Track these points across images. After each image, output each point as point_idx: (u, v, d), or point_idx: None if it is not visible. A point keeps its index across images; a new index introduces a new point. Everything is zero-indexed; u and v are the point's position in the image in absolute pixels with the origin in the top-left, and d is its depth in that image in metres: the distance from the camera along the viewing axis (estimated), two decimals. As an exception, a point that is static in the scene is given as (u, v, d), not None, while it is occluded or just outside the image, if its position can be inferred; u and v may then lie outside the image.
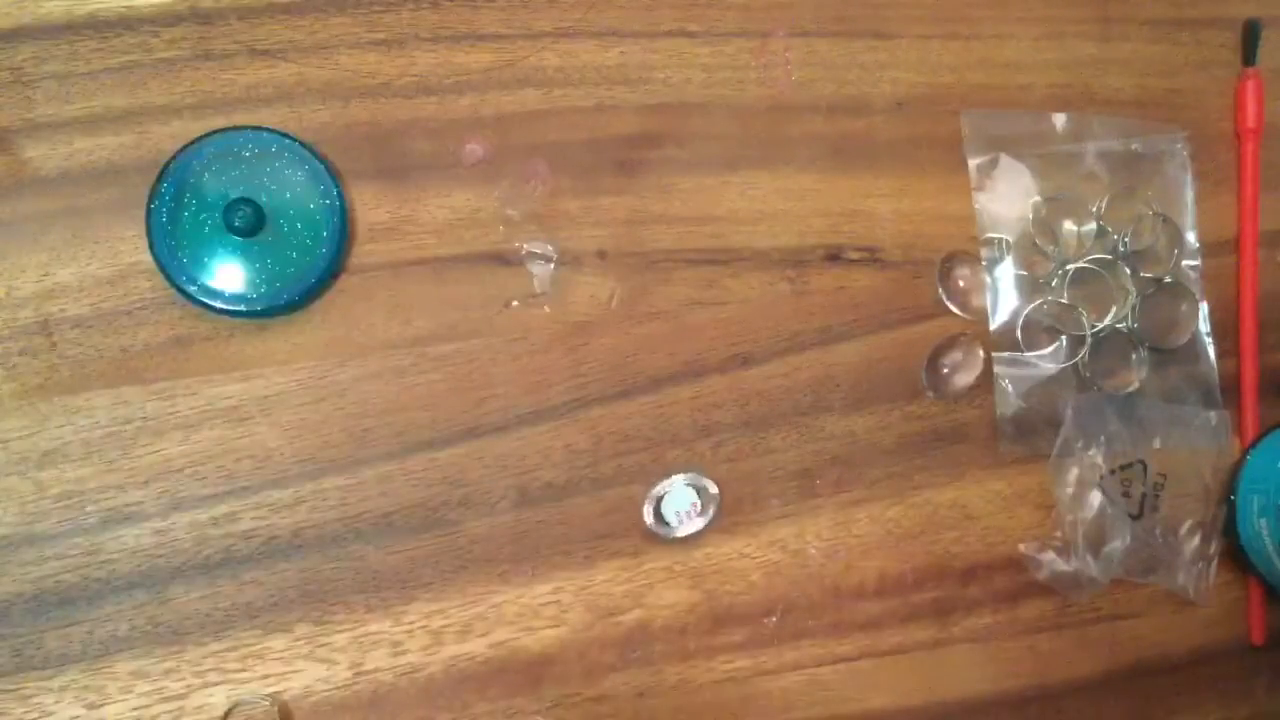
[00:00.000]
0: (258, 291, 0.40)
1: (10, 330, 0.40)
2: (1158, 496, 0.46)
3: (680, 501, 0.43)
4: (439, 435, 0.42)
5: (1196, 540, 0.47)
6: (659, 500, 0.43)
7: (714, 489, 0.43)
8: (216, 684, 0.41)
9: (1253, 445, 0.47)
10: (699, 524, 0.43)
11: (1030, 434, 0.46)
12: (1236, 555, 0.47)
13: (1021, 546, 0.46)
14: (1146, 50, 0.49)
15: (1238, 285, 0.48)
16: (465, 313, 0.43)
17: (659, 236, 0.44)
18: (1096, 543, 0.45)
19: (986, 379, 0.46)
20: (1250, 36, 0.49)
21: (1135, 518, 0.46)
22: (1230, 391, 0.48)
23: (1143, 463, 0.46)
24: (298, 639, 0.41)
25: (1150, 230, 0.47)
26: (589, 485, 0.43)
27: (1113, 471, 0.46)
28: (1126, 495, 0.46)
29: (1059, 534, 0.46)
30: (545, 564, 0.42)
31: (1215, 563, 0.47)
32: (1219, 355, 0.48)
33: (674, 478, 0.43)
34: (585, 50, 0.44)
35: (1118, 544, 0.45)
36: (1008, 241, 0.47)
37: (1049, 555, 0.46)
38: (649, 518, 0.43)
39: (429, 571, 0.42)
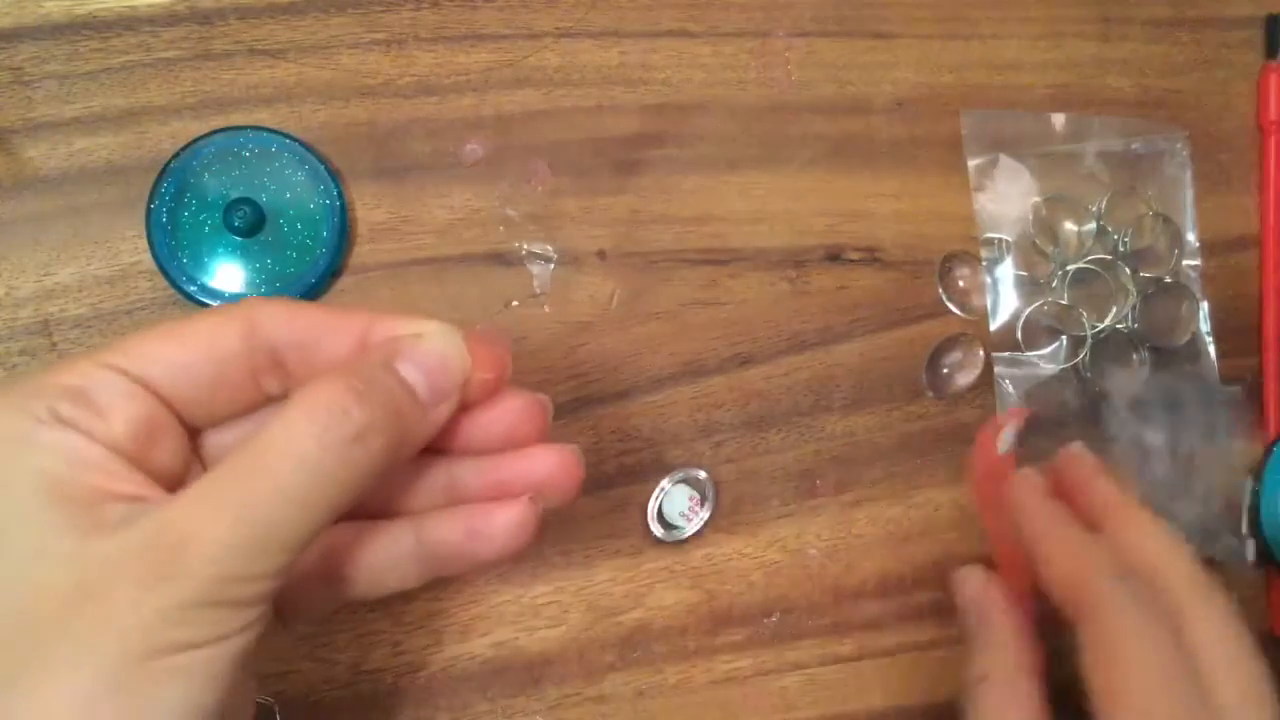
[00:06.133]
0: (257, 291, 0.40)
1: (10, 330, 0.40)
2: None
3: (679, 501, 0.43)
4: (439, 435, 0.42)
5: (1215, 532, 0.46)
6: (659, 508, 0.43)
7: (703, 474, 0.43)
8: (216, 684, 0.40)
9: (1279, 439, 0.47)
10: (704, 515, 0.43)
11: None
12: (1259, 547, 0.46)
13: (1021, 546, 0.46)
14: (1146, 50, 0.49)
15: (1243, 283, 0.48)
16: (465, 313, 0.43)
17: (659, 236, 0.44)
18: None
19: (986, 379, 0.46)
20: (1273, 30, 0.49)
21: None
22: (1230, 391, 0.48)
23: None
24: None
25: (1150, 230, 0.47)
26: (589, 485, 0.43)
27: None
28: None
29: (1059, 534, 0.46)
30: (545, 564, 0.42)
31: (1234, 555, 0.47)
32: (1219, 355, 0.48)
33: (662, 483, 0.43)
34: (585, 50, 0.44)
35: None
36: (1008, 242, 0.47)
37: (1049, 555, 0.45)
38: (656, 529, 0.42)
39: (429, 571, 0.42)
